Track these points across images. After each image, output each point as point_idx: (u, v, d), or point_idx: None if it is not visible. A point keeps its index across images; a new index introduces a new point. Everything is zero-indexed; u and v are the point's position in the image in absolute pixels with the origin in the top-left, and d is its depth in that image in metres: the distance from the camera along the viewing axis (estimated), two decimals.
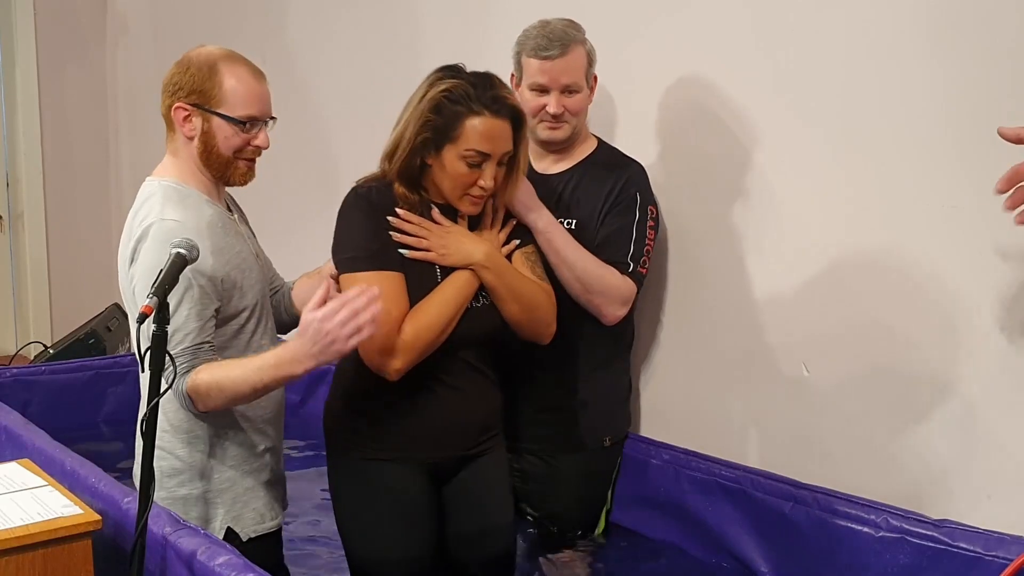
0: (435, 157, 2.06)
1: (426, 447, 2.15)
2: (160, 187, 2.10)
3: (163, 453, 2.09)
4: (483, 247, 2.11)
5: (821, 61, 2.37)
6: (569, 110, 2.44)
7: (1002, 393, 2.13)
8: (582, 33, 2.46)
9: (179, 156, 2.13)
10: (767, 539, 2.43)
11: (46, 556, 1.87)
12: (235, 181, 2.15)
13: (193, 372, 1.98)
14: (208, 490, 2.13)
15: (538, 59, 2.40)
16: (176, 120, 2.10)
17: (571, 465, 2.53)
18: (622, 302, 2.40)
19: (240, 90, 2.07)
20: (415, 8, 3.52)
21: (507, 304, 2.14)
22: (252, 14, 4.31)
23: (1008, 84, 2.06)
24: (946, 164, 2.16)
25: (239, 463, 2.15)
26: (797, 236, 2.46)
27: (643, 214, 2.45)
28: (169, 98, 2.10)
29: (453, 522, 2.23)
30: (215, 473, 2.13)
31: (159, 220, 2.02)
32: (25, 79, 5.15)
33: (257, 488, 2.18)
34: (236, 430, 2.15)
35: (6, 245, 5.29)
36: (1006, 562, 1.95)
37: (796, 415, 2.50)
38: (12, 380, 3.39)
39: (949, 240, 2.17)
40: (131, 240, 2.06)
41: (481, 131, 2.02)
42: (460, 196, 2.08)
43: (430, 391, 2.13)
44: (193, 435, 2.11)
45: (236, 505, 2.15)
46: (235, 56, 2.11)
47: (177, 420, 2.10)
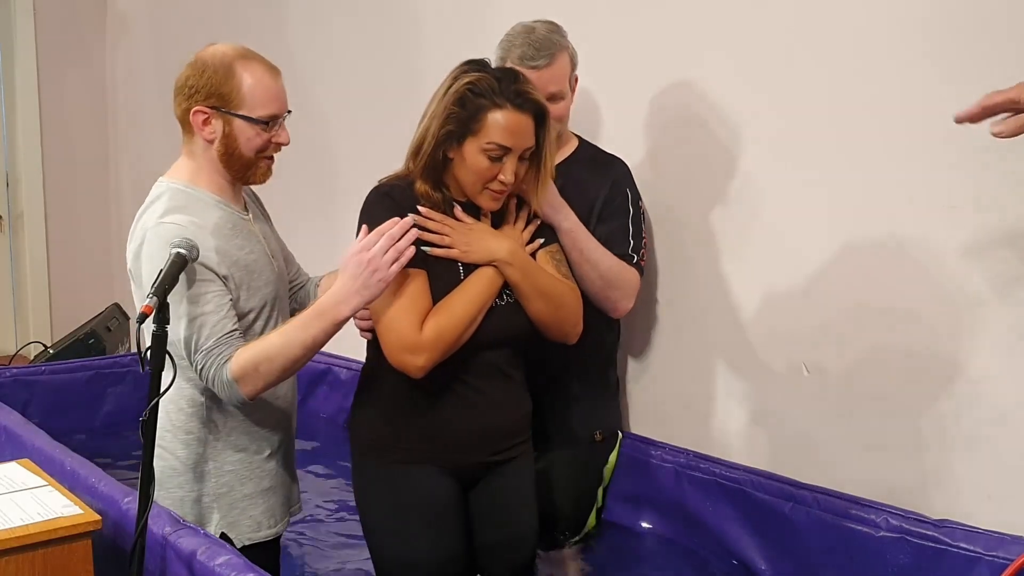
0: (457, 150, 2.04)
1: (451, 452, 2.11)
2: (168, 189, 2.08)
3: (163, 453, 2.07)
4: (506, 243, 2.09)
5: (811, 57, 2.37)
6: (554, 116, 2.45)
7: (1002, 393, 2.13)
8: (565, 37, 2.46)
9: (196, 158, 2.09)
10: (767, 539, 2.43)
11: (46, 556, 1.87)
12: (256, 180, 2.13)
13: (231, 359, 1.95)
14: (204, 494, 2.10)
15: (524, 68, 2.37)
16: (195, 124, 2.05)
17: (562, 459, 2.53)
18: (634, 294, 2.46)
19: (259, 90, 2.03)
20: (416, 8, 3.52)
21: (532, 302, 2.10)
22: (252, 14, 4.31)
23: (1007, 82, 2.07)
24: (943, 163, 2.16)
25: (239, 468, 2.12)
26: (797, 236, 2.46)
27: (635, 209, 2.49)
28: (186, 101, 2.05)
29: (477, 532, 2.19)
30: (212, 477, 2.10)
31: (157, 223, 2.00)
32: (25, 79, 5.15)
33: (256, 495, 2.14)
34: (239, 434, 2.11)
35: (6, 245, 5.29)
36: (1006, 562, 1.95)
37: (796, 415, 2.50)
38: (12, 380, 3.40)
39: (949, 238, 2.17)
40: (132, 241, 2.06)
41: (503, 124, 2.00)
42: (480, 190, 2.05)
43: (455, 394, 2.09)
44: (193, 437, 2.09)
45: (233, 511, 2.12)
46: (249, 53, 2.08)
47: (179, 420, 2.08)
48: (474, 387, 2.10)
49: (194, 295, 1.96)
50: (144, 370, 1.90)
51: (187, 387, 2.06)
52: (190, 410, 2.08)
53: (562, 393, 2.50)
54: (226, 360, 1.95)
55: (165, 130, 5.05)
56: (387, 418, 2.13)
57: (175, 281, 1.83)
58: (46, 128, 5.22)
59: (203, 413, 2.08)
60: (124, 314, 4.34)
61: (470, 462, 2.14)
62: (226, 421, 2.10)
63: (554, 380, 2.45)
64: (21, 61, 5.13)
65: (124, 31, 5.26)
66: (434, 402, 2.08)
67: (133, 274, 2.05)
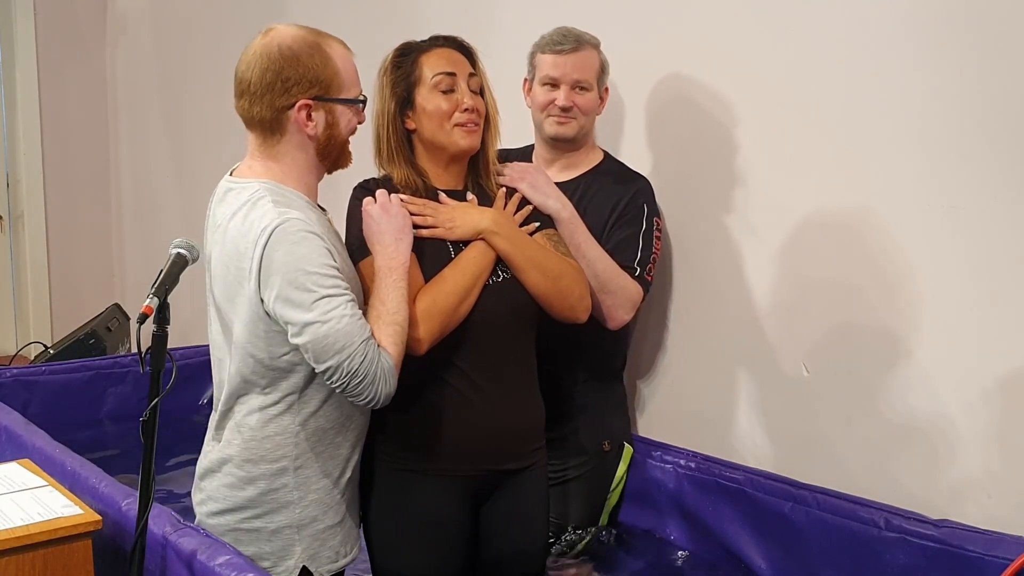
0: (413, 113, 2.07)
1: (457, 460, 2.05)
2: (265, 188, 1.87)
3: (239, 483, 1.93)
4: (490, 213, 2.08)
5: (821, 65, 2.37)
6: (578, 106, 2.47)
7: (1002, 394, 2.13)
8: (598, 46, 2.52)
9: (282, 160, 1.90)
10: (767, 539, 2.43)
11: (46, 556, 1.87)
12: (344, 164, 1.99)
13: (383, 348, 1.83)
14: (286, 525, 1.93)
15: (552, 53, 2.47)
16: (298, 121, 1.86)
17: (569, 470, 2.53)
18: (631, 306, 2.40)
19: (349, 68, 1.90)
20: (419, 8, 3.52)
21: (527, 273, 2.06)
22: (252, 14, 4.30)
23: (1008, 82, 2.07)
24: (948, 164, 2.16)
25: (322, 496, 1.95)
26: (797, 238, 2.46)
27: (649, 225, 2.47)
28: (281, 98, 1.84)
29: (485, 546, 2.14)
30: (296, 507, 1.93)
31: (282, 218, 1.80)
32: (25, 79, 5.15)
33: (336, 524, 1.98)
34: (325, 459, 1.95)
35: (6, 245, 5.29)
36: (1006, 562, 1.95)
37: (796, 415, 2.51)
38: (12, 380, 3.39)
39: (953, 242, 2.17)
40: (247, 246, 1.82)
41: (436, 57, 2.07)
42: (451, 129, 2.05)
43: (460, 395, 2.04)
44: (279, 466, 1.91)
45: (315, 543, 1.95)
46: (320, 32, 1.92)
47: (264, 450, 1.91)
48: (477, 385, 2.05)
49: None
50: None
51: (276, 410, 1.90)
52: (279, 437, 1.91)
53: (569, 404, 2.49)
54: (379, 348, 1.82)
55: (165, 130, 5.08)
56: (389, 425, 2.07)
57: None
58: (46, 128, 5.22)
59: (294, 439, 1.91)
60: (124, 314, 4.34)
61: (481, 470, 2.08)
62: (315, 445, 1.93)
63: (560, 391, 2.44)
64: (21, 61, 5.13)
65: (124, 31, 5.26)
66: (436, 405, 2.04)
67: (241, 273, 1.84)
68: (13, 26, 5.12)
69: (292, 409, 1.90)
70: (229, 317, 1.91)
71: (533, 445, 2.16)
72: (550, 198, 2.24)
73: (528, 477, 2.14)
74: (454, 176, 2.13)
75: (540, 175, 2.26)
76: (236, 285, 1.86)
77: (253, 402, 1.91)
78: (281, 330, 1.83)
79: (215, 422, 2.00)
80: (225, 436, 1.95)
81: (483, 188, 2.16)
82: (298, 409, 1.90)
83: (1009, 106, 2.06)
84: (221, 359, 1.97)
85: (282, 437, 1.91)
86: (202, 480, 2.00)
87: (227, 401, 1.94)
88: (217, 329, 1.97)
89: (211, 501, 1.97)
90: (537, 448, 2.17)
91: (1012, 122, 2.06)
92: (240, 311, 1.87)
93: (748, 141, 2.55)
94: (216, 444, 1.98)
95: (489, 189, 2.16)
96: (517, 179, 2.21)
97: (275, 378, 1.88)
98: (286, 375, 1.88)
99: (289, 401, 1.90)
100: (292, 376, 1.88)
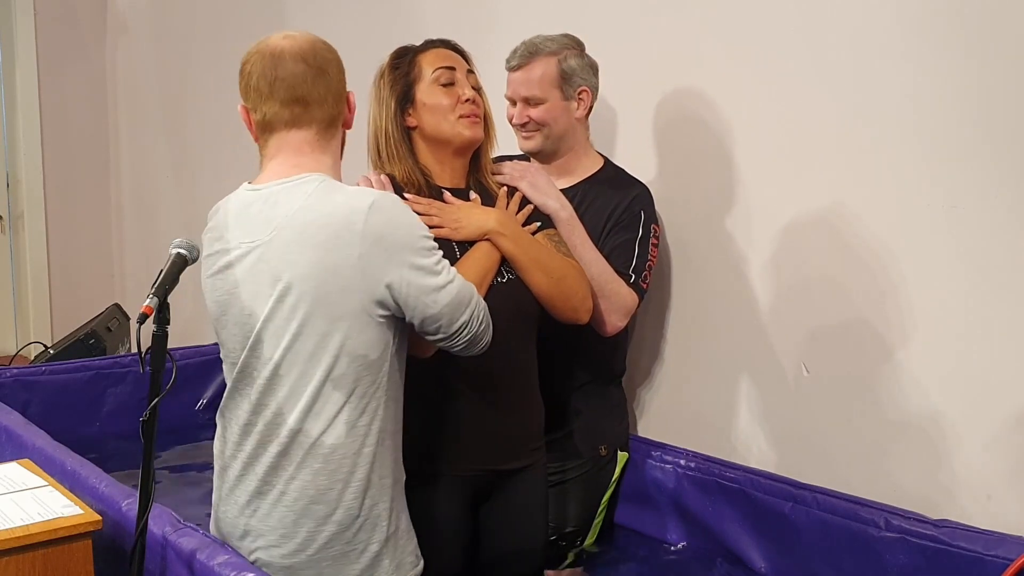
0: (414, 110, 2.08)
1: (457, 460, 2.05)
2: (328, 179, 1.83)
3: (322, 507, 1.80)
4: (495, 214, 2.08)
5: (820, 68, 2.37)
6: (534, 119, 2.46)
7: (1003, 394, 2.13)
8: (571, 48, 2.47)
9: (332, 153, 1.90)
10: (767, 539, 2.43)
11: (46, 556, 1.87)
12: None
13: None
14: (373, 540, 1.84)
15: (508, 70, 2.50)
16: (349, 118, 1.94)
17: (566, 473, 2.52)
18: (625, 312, 2.38)
19: None
20: (419, 8, 3.52)
21: (531, 274, 2.07)
22: (252, 14, 4.31)
23: (1010, 82, 2.07)
24: (948, 166, 2.16)
25: (399, 500, 1.89)
26: (797, 239, 2.46)
27: (646, 231, 2.45)
28: (343, 91, 1.91)
29: (484, 543, 2.15)
30: (383, 520, 1.84)
31: (378, 194, 1.79)
32: (25, 79, 5.16)
33: (408, 528, 1.92)
34: (392, 464, 1.87)
35: (6, 245, 5.29)
36: (1006, 562, 1.95)
37: (796, 415, 2.51)
38: (12, 380, 3.39)
39: (953, 243, 2.17)
40: (342, 227, 1.74)
41: (433, 55, 2.11)
42: (454, 122, 2.07)
43: (458, 393, 2.04)
44: (373, 482, 1.82)
45: (399, 552, 1.87)
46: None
47: (353, 465, 1.79)
48: (482, 387, 2.06)
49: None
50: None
51: (359, 417, 1.80)
52: (366, 449, 1.80)
53: (566, 408, 2.49)
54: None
55: (165, 130, 5.08)
56: None
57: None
58: (46, 128, 5.23)
59: (386, 448, 1.84)
60: (124, 314, 4.34)
61: (481, 470, 2.09)
62: (388, 450, 1.84)
63: (559, 394, 2.43)
64: (21, 61, 5.14)
65: (124, 31, 5.26)
66: (437, 405, 2.05)
67: (341, 257, 1.73)
68: (13, 26, 5.12)
69: (368, 411, 1.80)
70: (321, 320, 1.76)
71: (533, 445, 2.17)
72: (550, 198, 2.24)
73: (528, 476, 2.15)
74: (456, 174, 2.13)
75: (540, 175, 2.26)
76: (332, 277, 1.74)
77: (328, 411, 1.77)
78: (388, 315, 1.77)
79: (266, 460, 1.82)
80: (290, 471, 1.80)
81: (484, 187, 2.16)
82: (374, 409, 1.80)
83: (1008, 106, 2.07)
84: (274, 382, 1.80)
85: (367, 448, 1.80)
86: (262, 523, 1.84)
87: (297, 421, 1.78)
88: (284, 346, 1.78)
89: (286, 541, 1.82)
90: (537, 448, 2.18)
91: (1011, 122, 2.06)
92: (345, 303, 1.75)
93: (747, 143, 2.55)
94: (279, 479, 1.81)
95: (490, 187, 2.16)
96: (518, 178, 2.21)
97: (363, 377, 1.78)
98: (376, 371, 1.79)
99: (369, 405, 1.80)
100: (379, 372, 1.80)
